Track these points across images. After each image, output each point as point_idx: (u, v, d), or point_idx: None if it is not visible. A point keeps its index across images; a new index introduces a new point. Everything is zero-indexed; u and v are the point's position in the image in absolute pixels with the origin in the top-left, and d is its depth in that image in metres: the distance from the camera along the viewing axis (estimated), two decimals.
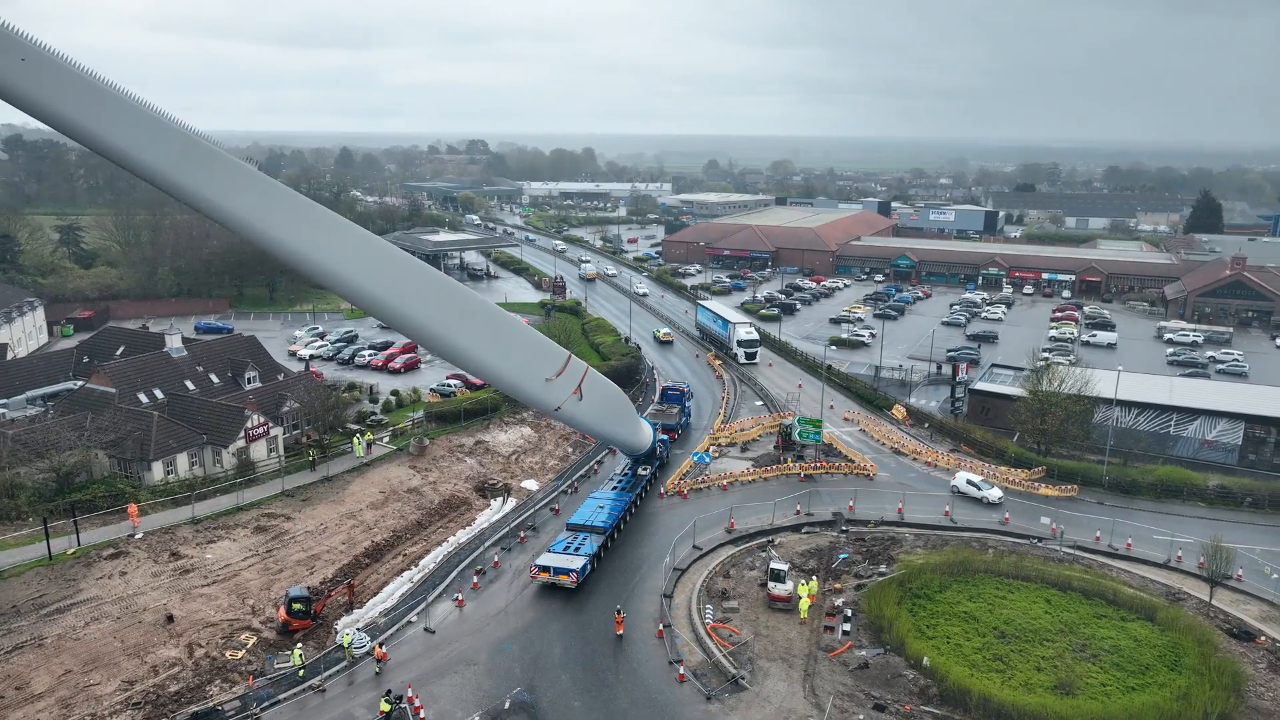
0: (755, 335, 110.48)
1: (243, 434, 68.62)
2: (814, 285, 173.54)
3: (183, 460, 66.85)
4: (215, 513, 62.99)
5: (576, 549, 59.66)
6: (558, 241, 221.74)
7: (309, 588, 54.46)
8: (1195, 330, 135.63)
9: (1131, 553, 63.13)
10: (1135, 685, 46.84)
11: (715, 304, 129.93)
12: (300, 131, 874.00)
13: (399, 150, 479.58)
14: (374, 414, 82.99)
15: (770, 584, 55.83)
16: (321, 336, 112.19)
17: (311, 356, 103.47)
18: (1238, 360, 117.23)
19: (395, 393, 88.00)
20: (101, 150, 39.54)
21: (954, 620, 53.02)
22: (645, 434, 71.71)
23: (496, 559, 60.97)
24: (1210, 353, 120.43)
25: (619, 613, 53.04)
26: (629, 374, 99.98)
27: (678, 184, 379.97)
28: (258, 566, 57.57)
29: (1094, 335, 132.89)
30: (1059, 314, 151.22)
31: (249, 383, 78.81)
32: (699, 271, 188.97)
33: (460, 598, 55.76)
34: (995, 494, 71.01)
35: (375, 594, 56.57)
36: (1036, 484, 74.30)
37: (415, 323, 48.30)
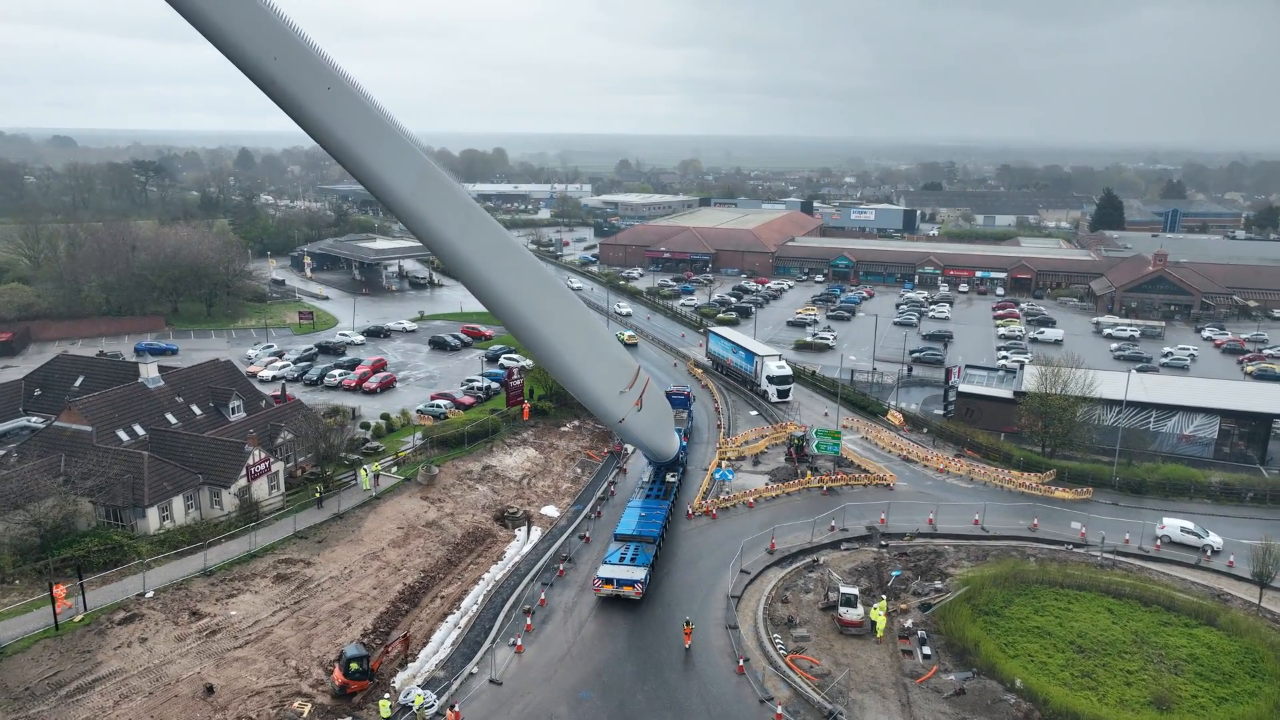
0: (788, 370, 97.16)
1: (244, 472, 62.73)
2: (760, 287, 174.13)
3: (179, 504, 60.59)
4: (227, 561, 57.25)
5: (633, 559, 58.71)
6: None
7: (364, 643, 49.82)
8: (1131, 325, 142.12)
9: (1161, 554, 64.70)
10: (1225, 696, 47.49)
11: (732, 332, 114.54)
12: (179, 130, 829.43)
13: (301, 151, 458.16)
14: (366, 440, 77.66)
15: (841, 609, 54.41)
16: (280, 355, 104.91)
17: (274, 378, 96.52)
18: (1182, 354, 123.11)
19: (385, 416, 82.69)
20: (360, 174, 42.39)
21: (1029, 636, 52.81)
22: (675, 440, 73.58)
23: (543, 596, 57.50)
24: (1168, 349, 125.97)
25: (687, 627, 50.81)
26: None
27: (596, 185, 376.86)
28: (289, 621, 52.45)
29: (1042, 332, 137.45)
30: (1000, 312, 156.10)
31: (233, 413, 72.43)
32: (641, 275, 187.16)
33: (519, 643, 52.16)
34: (1217, 541, 64.70)
35: (424, 644, 52.37)
36: (1051, 487, 75.51)
37: (546, 340, 51.72)
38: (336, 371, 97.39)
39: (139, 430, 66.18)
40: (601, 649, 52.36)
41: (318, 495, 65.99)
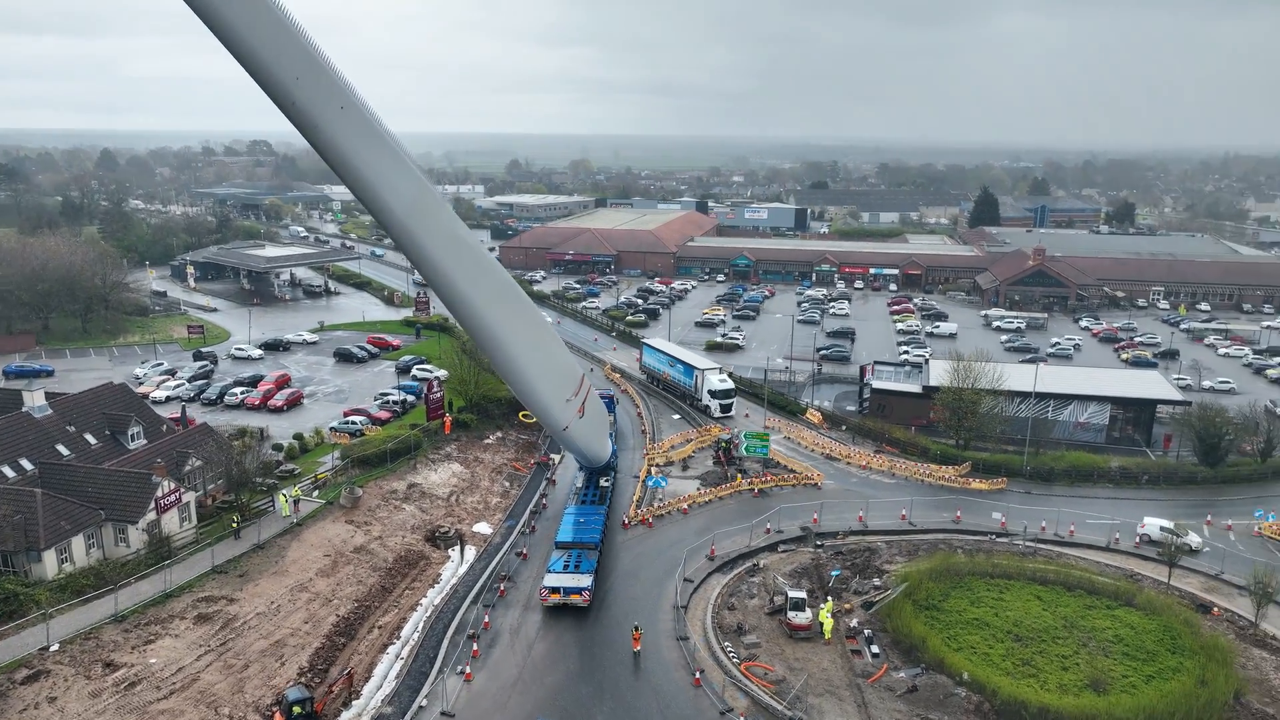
0: (730, 384, 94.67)
1: (152, 505, 58.17)
2: (665, 288, 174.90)
3: (79, 544, 55.63)
4: (139, 604, 52.91)
5: (577, 566, 58.56)
6: (378, 248, 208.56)
7: (303, 683, 46.87)
8: (1018, 317, 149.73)
9: (1075, 538, 68.09)
10: (1151, 674, 50.21)
11: (668, 344, 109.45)
12: (26, 129, 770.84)
13: (169, 152, 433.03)
14: (280, 463, 73.48)
15: (790, 613, 54.80)
16: (172, 374, 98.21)
17: (168, 398, 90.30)
18: (1067, 344, 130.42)
19: (298, 436, 78.46)
20: (360, 190, 42.93)
21: (969, 628, 54.56)
22: (609, 445, 73.82)
23: (487, 619, 55.61)
24: (1055, 339, 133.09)
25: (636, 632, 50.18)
26: None
27: (489, 186, 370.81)
28: (217, 665, 48.88)
29: (937, 326, 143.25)
30: (895, 307, 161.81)
31: (133, 440, 67.17)
32: (544, 278, 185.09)
33: (468, 670, 50.24)
34: (1195, 540, 65.49)
35: (367, 678, 49.80)
36: (968, 479, 78.41)
37: (509, 351, 52.64)
38: (238, 389, 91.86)
39: (26, 465, 60.46)
40: (554, 670, 51.05)
41: (235, 525, 61.92)
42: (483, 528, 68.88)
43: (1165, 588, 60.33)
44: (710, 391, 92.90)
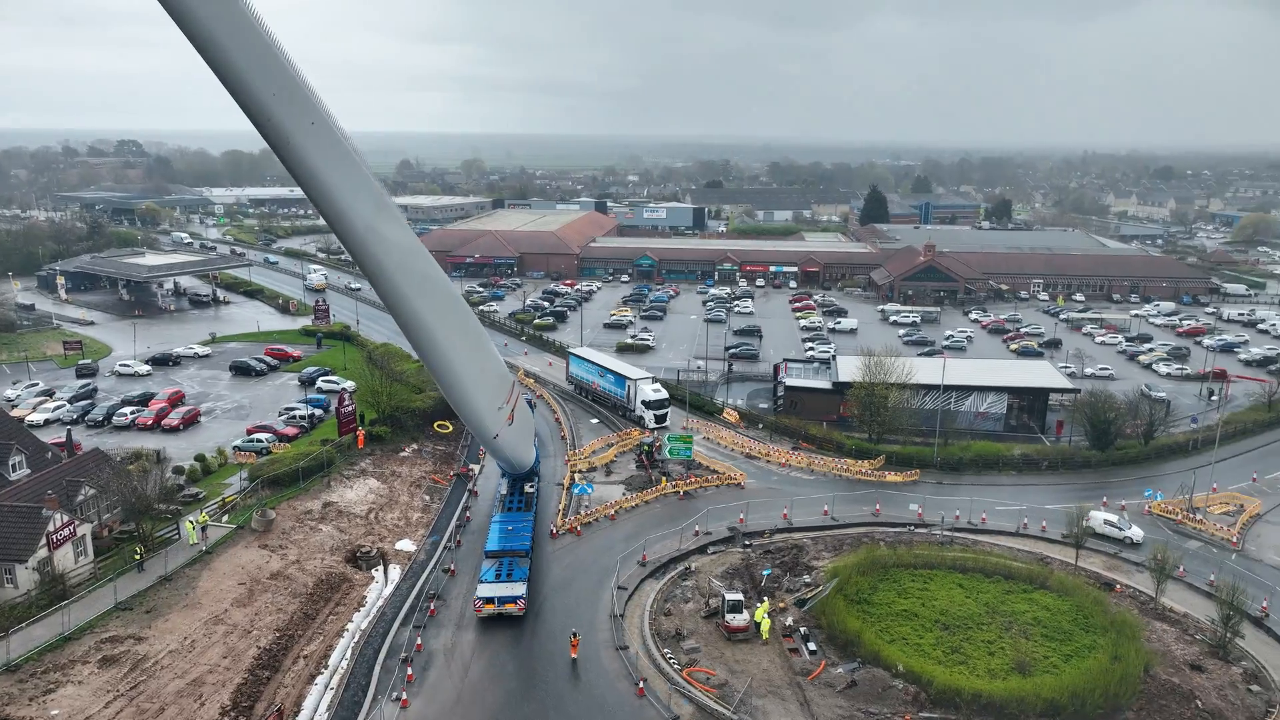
0: (664, 393, 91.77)
1: (44, 541, 53.71)
2: (570, 290, 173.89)
3: None
4: (34, 650, 48.82)
5: (510, 575, 57.88)
6: (272, 255, 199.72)
7: None
8: (913, 311, 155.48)
9: (987, 525, 71.03)
10: (1069, 653, 52.75)
11: (597, 353, 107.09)
12: None
13: (24, 153, 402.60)
14: (182, 487, 69.19)
15: (728, 615, 55.07)
16: (49, 394, 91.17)
17: (47, 421, 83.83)
18: (961, 336, 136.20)
19: (200, 457, 74.04)
20: (324, 204, 42.89)
21: (899, 619, 56.06)
22: (534, 450, 73.23)
23: (419, 640, 53.77)
24: (948, 332, 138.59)
25: (574, 639, 49.45)
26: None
27: None
28: (128, 711, 45.48)
29: (839, 322, 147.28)
30: (797, 304, 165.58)
31: (14, 470, 61.88)
32: None
33: (404, 696, 48.43)
34: (1137, 533, 67.98)
35: (295, 712, 47.33)
36: (883, 472, 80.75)
37: (449, 360, 52.13)
38: (127, 409, 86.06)
39: None
40: (494, 689, 49.79)
41: (137, 557, 57.91)
42: (406, 545, 66.60)
43: (1073, 569, 63.56)
44: (644, 402, 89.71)
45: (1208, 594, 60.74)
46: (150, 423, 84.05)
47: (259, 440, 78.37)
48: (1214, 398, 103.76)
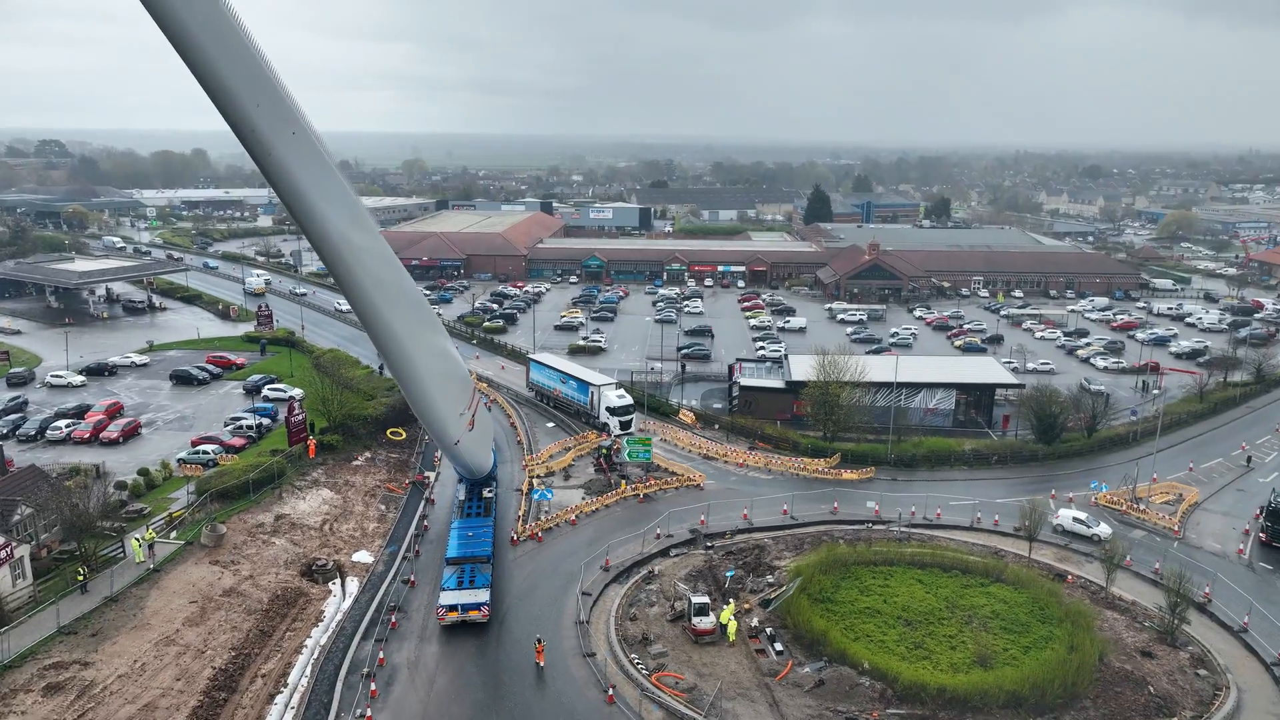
0: (629, 399, 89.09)
1: None
2: (518, 291, 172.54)
3: None
4: None
5: (472, 581, 57.31)
6: (211, 260, 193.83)
7: None
8: (859, 309, 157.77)
9: (942, 520, 72.34)
10: (1028, 645, 53.95)
11: (558, 359, 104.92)
12: None
13: None
14: (126, 502, 66.63)
15: (695, 619, 55.05)
16: None
17: None
18: (906, 334, 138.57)
19: (144, 471, 71.39)
20: (301, 213, 42.65)
21: (863, 617, 56.71)
22: (492, 455, 72.36)
23: (381, 655, 52.61)
24: (894, 329, 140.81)
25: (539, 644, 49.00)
26: (404, 412, 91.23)
27: None
28: None
29: (788, 321, 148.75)
30: (746, 304, 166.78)
31: None
32: None
33: (368, 713, 47.33)
34: (1105, 531, 68.81)
35: None
36: (839, 470, 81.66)
37: (414, 366, 51.87)
38: (62, 422, 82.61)
39: None
40: (460, 703, 48.98)
41: (81, 578, 55.56)
42: (363, 556, 65.14)
43: (1027, 561, 65.09)
44: (609, 408, 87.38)
45: (1154, 582, 62.76)
46: (87, 436, 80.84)
47: (205, 452, 75.94)
48: (1153, 390, 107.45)
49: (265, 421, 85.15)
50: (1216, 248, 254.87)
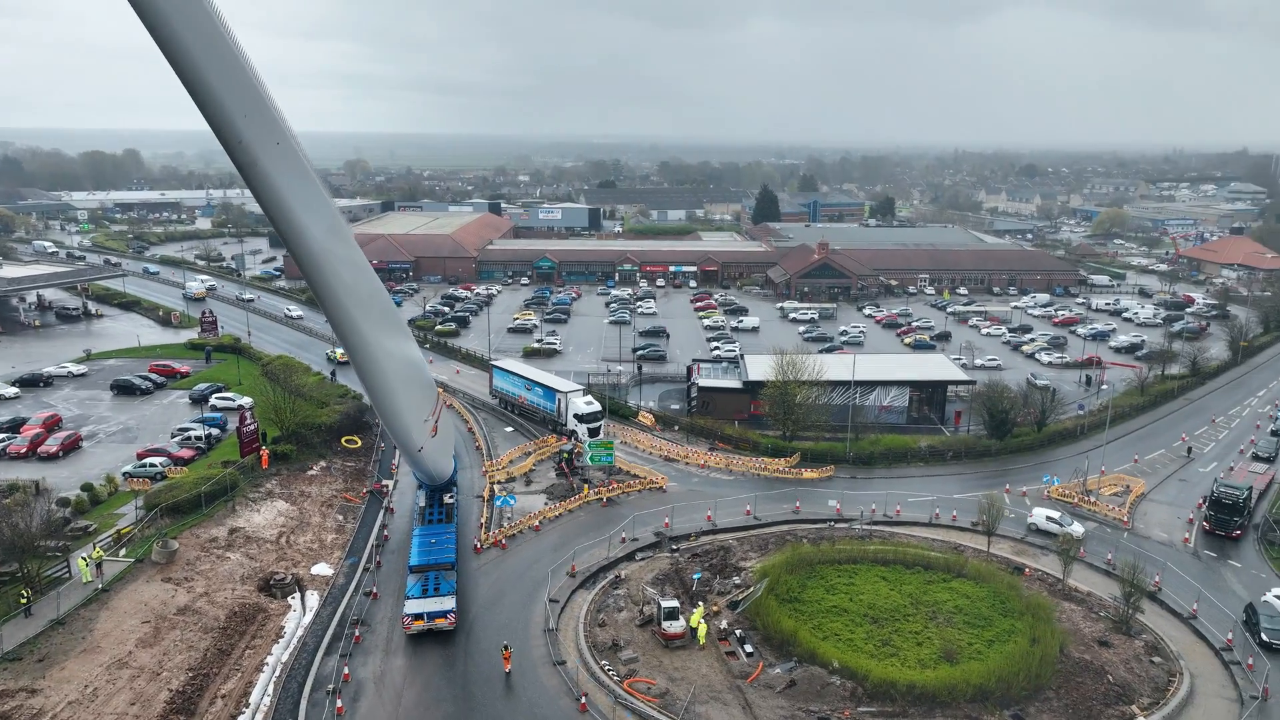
0: (597, 405, 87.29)
1: None
2: (469, 294, 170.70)
3: None
4: None
5: (437, 589, 56.78)
6: (152, 265, 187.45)
7: None
8: (811, 308, 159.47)
9: (901, 517, 73.36)
10: (991, 638, 54.96)
11: (522, 365, 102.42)
12: None
13: None
14: (69, 520, 63.99)
15: (665, 623, 54.89)
16: None
17: None
18: (857, 332, 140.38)
19: (87, 487, 68.64)
20: (282, 222, 42.59)
21: (830, 616, 57.18)
22: (452, 460, 71.79)
23: (346, 670, 51.38)
24: (844, 328, 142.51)
25: (506, 651, 48.44)
26: (358, 419, 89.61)
27: None
28: None
29: (741, 321, 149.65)
30: (699, 304, 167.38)
31: None
32: None
33: None
34: (1078, 529, 69.37)
35: None
36: (800, 469, 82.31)
37: (383, 373, 51.51)
38: None
39: None
40: (429, 716, 48.06)
41: (24, 601, 53.18)
42: (322, 569, 63.59)
43: (986, 556, 66.37)
44: (577, 415, 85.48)
45: (1106, 572, 64.57)
46: (24, 450, 77.50)
47: (152, 465, 73.38)
48: (1099, 385, 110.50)
49: (215, 432, 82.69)
50: (1148, 244, 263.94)
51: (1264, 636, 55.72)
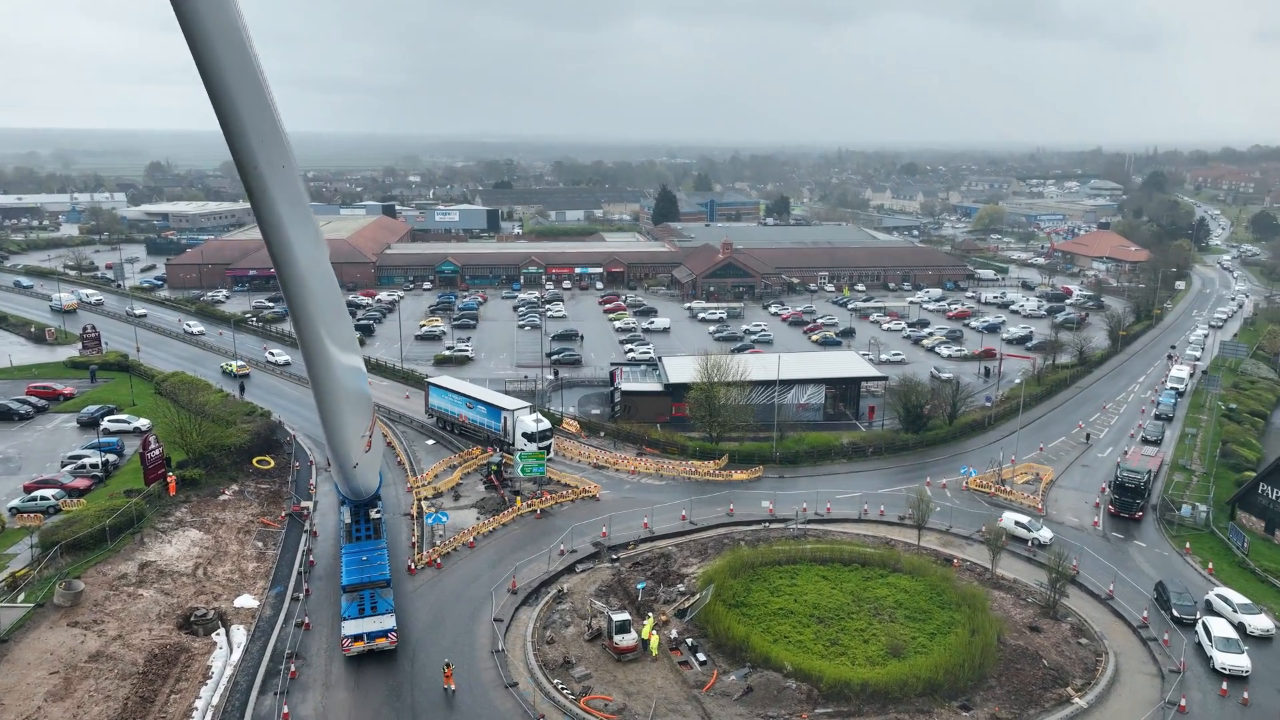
0: (546, 423, 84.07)
1: None
2: (370, 300, 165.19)
3: None
4: None
5: (374, 608, 55.07)
6: (24, 278, 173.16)
7: None
8: (718, 308, 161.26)
9: (832, 515, 74.79)
10: (933, 630, 56.57)
11: (461, 383, 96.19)
12: None
13: None
14: None
15: (616, 637, 54.13)
16: None
17: None
18: (765, 331, 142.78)
19: None
20: (276, 243, 42.60)
21: (777, 618, 57.69)
22: (379, 474, 69.04)
23: (285, 709, 48.51)
24: (747, 326, 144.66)
25: (448, 669, 46.98)
26: (269, 438, 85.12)
27: (131, 194, 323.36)
28: None
29: (652, 322, 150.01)
30: (607, 306, 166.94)
31: None
32: (228, 297, 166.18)
33: None
34: (1046, 534, 69.43)
35: None
36: (729, 472, 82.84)
37: (337, 387, 51.17)
38: None
39: None
40: None
41: None
42: (247, 601, 59.90)
43: (917, 549, 68.35)
44: (525, 434, 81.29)
45: (1028, 559, 67.57)
46: None
47: (44, 498, 67.66)
48: (999, 376, 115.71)
49: (111, 458, 76.98)
50: (1024, 239, 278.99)
51: (1175, 612, 59.34)
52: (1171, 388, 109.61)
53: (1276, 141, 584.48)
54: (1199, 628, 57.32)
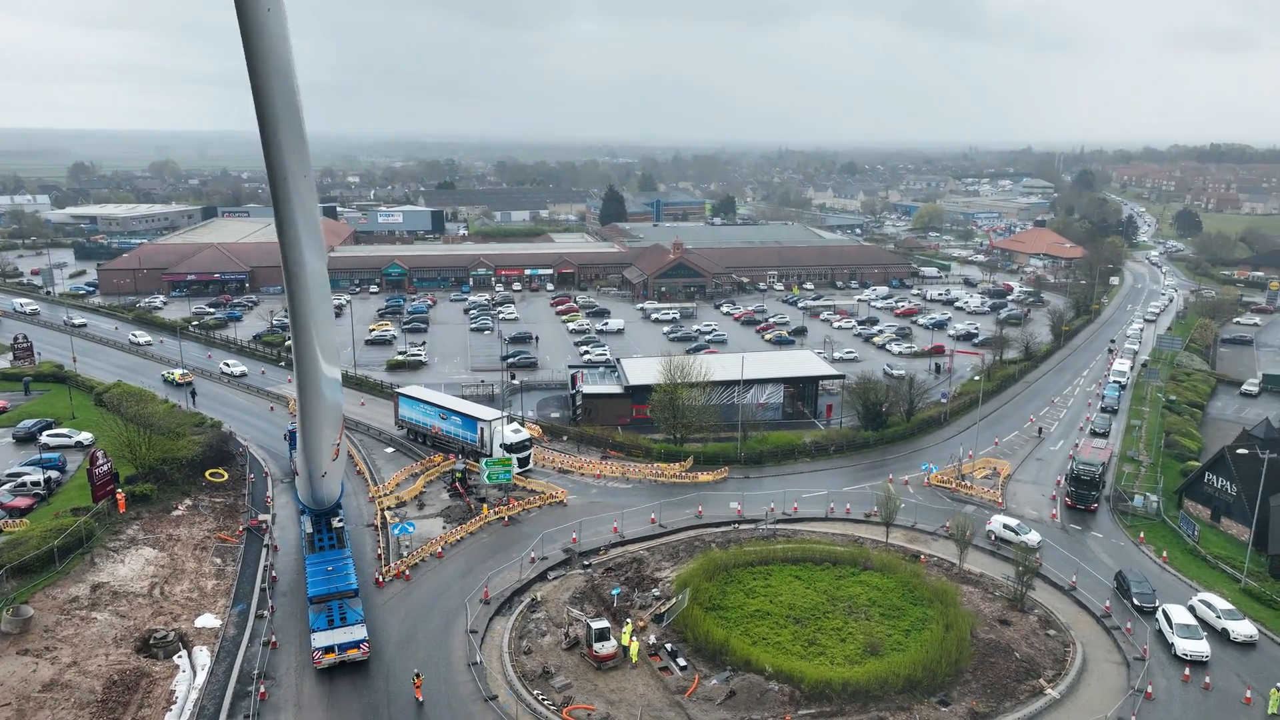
0: (526, 434, 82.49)
1: None
2: None
3: None
4: None
5: (343, 618, 54.10)
6: None
7: None
8: (671, 308, 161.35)
9: (799, 514, 75.26)
10: (908, 627, 57.25)
11: (434, 393, 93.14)
12: None
13: None
14: None
15: (596, 644, 53.55)
16: None
17: None
18: (719, 330, 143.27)
19: None
20: (292, 250, 44.08)
21: (754, 620, 57.77)
22: (341, 483, 68.37)
23: None
24: (698, 327, 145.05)
25: (418, 679, 46.07)
26: (221, 449, 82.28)
27: (54, 196, 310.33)
28: None
29: (605, 323, 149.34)
30: (559, 307, 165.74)
31: None
32: (165, 303, 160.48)
33: None
34: (1034, 538, 69.35)
35: None
36: (695, 473, 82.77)
37: (320, 394, 51.02)
38: None
39: None
40: None
41: None
42: (208, 621, 57.68)
43: (885, 546, 69.15)
44: (505, 445, 78.97)
45: (992, 552, 68.92)
46: None
47: None
48: (949, 372, 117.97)
49: (54, 475, 73.50)
50: (963, 237, 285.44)
51: (1135, 601, 61.08)
52: (1115, 381, 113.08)
53: (1191, 140, 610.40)
54: (1159, 615, 59.05)
